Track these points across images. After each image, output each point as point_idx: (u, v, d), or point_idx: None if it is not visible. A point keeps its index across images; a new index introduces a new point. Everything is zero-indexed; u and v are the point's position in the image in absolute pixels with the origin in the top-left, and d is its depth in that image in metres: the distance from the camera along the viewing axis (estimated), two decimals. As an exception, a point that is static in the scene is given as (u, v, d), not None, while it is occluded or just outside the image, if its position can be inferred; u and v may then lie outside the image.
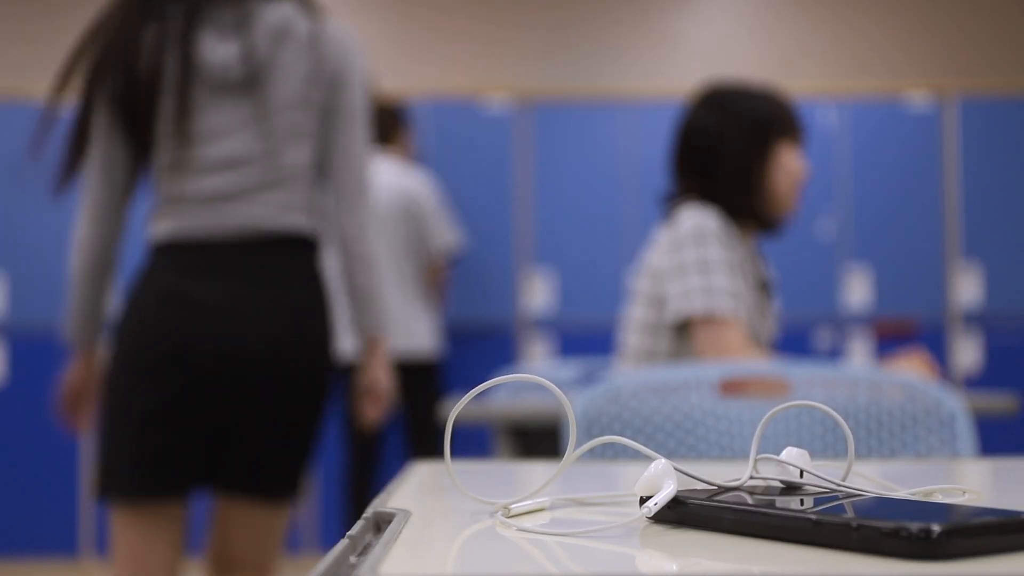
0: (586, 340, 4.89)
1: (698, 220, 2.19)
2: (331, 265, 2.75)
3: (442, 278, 4.38)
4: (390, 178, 4.11)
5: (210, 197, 1.89)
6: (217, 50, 1.90)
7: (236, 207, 1.89)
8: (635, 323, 2.26)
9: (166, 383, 1.84)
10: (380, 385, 2.08)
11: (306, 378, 1.94)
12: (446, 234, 4.26)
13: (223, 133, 1.91)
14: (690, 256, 2.16)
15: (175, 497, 1.89)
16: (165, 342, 1.84)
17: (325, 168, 2.00)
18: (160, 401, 1.84)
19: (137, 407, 1.85)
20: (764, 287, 2.32)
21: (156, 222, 1.94)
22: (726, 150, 2.26)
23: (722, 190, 2.27)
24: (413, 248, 4.17)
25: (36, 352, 4.90)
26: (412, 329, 4.15)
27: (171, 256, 1.89)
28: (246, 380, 1.87)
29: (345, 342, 3.46)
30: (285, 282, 1.91)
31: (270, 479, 1.94)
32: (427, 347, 4.19)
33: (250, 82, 1.90)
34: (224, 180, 1.89)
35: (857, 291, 5.06)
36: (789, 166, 2.28)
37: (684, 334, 2.20)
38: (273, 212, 1.91)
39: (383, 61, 5.49)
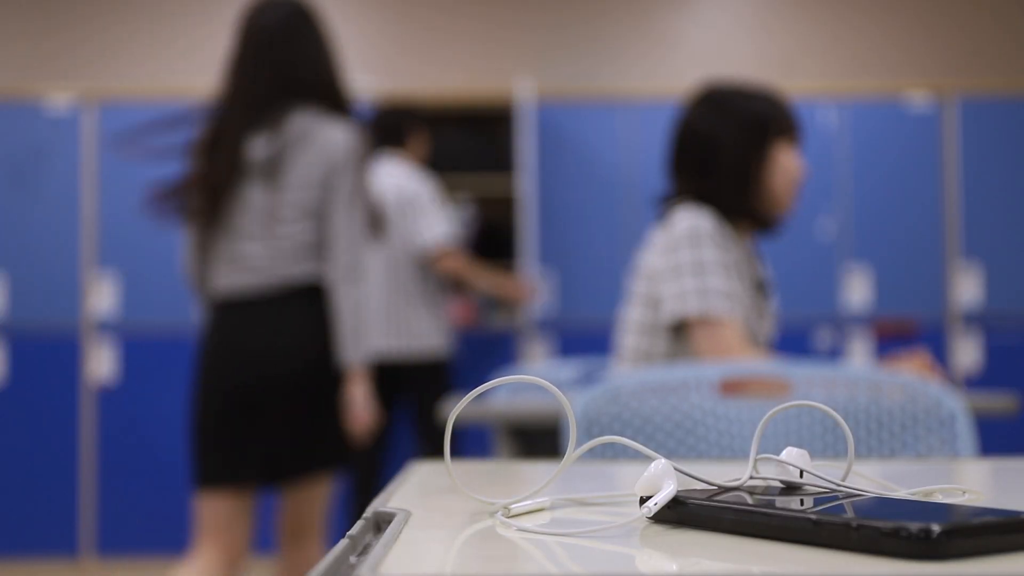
0: (586, 340, 4.89)
1: (693, 221, 2.18)
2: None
3: (448, 268, 4.18)
4: (392, 180, 4.11)
5: (247, 260, 2.60)
6: (256, 146, 2.60)
7: (267, 267, 2.60)
8: (632, 324, 2.26)
9: (229, 404, 2.58)
10: (357, 405, 2.62)
11: (324, 387, 2.63)
12: (434, 227, 4.13)
13: (250, 207, 2.60)
14: (685, 257, 2.15)
15: (244, 484, 2.59)
16: (227, 377, 2.59)
17: (322, 232, 2.64)
18: (227, 415, 2.58)
19: (213, 422, 2.60)
20: (761, 287, 2.31)
21: (215, 279, 2.65)
22: (723, 150, 2.25)
23: (719, 190, 2.26)
24: (411, 248, 4.15)
25: (36, 352, 4.90)
26: (414, 329, 4.14)
27: (226, 311, 2.64)
28: (283, 395, 2.58)
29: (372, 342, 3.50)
30: (303, 323, 2.62)
31: (310, 458, 2.68)
32: (432, 345, 4.18)
33: (269, 172, 2.60)
34: (253, 246, 2.61)
35: (857, 291, 5.06)
36: (786, 165, 2.28)
37: (681, 335, 2.20)
38: (291, 269, 2.62)
39: (383, 61, 5.49)
